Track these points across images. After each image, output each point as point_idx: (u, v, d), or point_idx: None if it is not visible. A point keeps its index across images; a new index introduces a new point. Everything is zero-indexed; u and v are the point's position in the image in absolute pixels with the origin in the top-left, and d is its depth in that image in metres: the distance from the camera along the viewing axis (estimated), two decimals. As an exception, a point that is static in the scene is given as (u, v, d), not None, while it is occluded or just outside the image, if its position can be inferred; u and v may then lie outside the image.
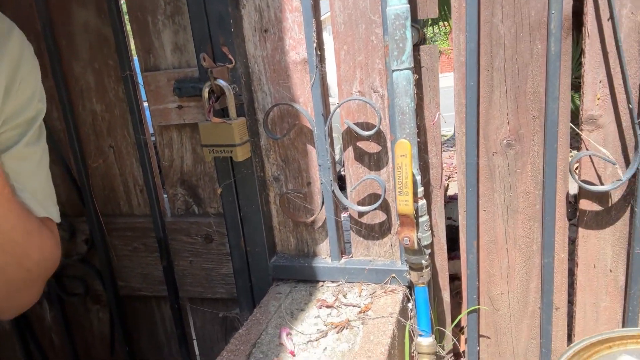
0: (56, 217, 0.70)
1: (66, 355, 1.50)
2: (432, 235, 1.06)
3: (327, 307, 1.07)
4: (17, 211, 0.59)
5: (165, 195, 1.28)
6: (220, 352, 0.94)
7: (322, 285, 1.16)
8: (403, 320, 1.02)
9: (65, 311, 1.43)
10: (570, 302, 1.08)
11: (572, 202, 1.63)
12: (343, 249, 1.19)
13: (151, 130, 1.22)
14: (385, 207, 1.10)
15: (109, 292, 1.34)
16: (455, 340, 1.14)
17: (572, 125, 0.97)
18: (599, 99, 0.95)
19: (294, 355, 0.91)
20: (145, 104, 1.17)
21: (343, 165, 1.13)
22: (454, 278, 1.38)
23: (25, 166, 0.66)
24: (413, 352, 1.05)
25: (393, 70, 0.91)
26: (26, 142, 0.66)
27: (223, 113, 1.06)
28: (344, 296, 1.10)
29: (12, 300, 0.66)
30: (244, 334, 0.99)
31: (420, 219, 0.95)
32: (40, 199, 0.68)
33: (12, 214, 0.58)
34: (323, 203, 1.12)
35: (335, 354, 0.91)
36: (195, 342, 1.39)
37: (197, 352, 1.40)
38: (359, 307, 1.05)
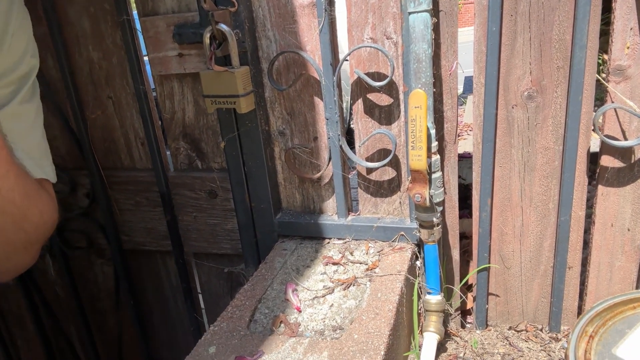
0: (52, 177, 0.68)
1: (71, 308, 1.50)
2: (444, 192, 1.02)
3: (334, 264, 1.04)
4: (15, 172, 0.57)
5: (167, 150, 1.24)
6: (226, 306, 0.93)
7: (329, 243, 1.13)
8: (411, 277, 1.00)
9: (69, 265, 1.42)
10: (584, 262, 1.05)
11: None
12: (350, 206, 1.15)
13: (151, 81, 1.17)
14: (395, 163, 1.06)
15: (113, 246, 1.33)
16: (463, 297, 1.12)
17: (598, 77, 0.91)
18: (628, 47, 0.88)
19: (300, 311, 0.90)
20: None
21: (351, 118, 1.07)
22: (462, 236, 1.36)
23: (20, 125, 0.63)
24: (421, 309, 1.03)
25: (410, 13, 0.84)
26: (20, 99, 0.63)
27: (225, 61, 1.00)
28: (351, 253, 1.07)
29: (10, 262, 0.64)
30: (249, 290, 0.98)
31: (433, 175, 0.91)
32: (36, 159, 0.65)
33: (10, 174, 0.56)
34: (330, 159, 1.08)
35: (342, 310, 0.89)
36: (200, 296, 1.39)
37: (202, 306, 1.40)
38: (366, 264, 1.02)
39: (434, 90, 0.93)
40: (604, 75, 0.91)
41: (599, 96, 0.99)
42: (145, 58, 1.11)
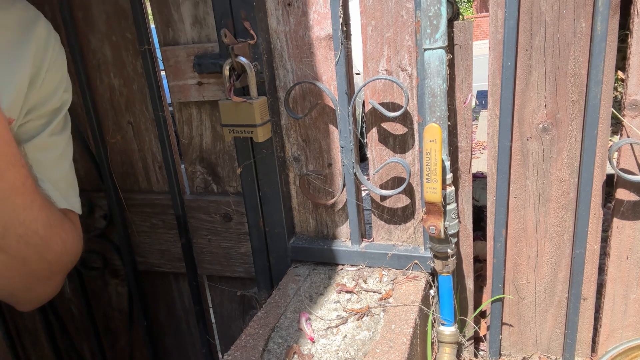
0: (77, 208, 0.69)
1: (85, 327, 1.52)
2: (459, 222, 1.03)
3: (347, 292, 1.05)
4: (39, 203, 0.59)
5: (184, 173, 1.26)
6: (238, 330, 0.94)
7: (342, 269, 1.14)
8: (425, 308, 1.00)
9: (84, 284, 1.44)
10: (598, 294, 1.04)
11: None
12: (364, 232, 1.16)
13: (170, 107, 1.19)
14: (409, 192, 1.07)
15: (128, 267, 1.34)
16: (476, 327, 1.11)
17: (614, 111, 0.91)
18: (644, 81, 0.88)
19: (314, 342, 0.90)
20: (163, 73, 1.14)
21: (365, 146, 1.09)
22: (476, 260, 1.35)
23: (48, 156, 0.65)
24: (434, 340, 1.03)
25: (425, 49, 0.85)
26: (50, 132, 0.65)
27: (244, 91, 1.02)
28: (364, 281, 1.08)
29: (33, 292, 0.65)
30: (262, 317, 0.98)
31: (448, 207, 0.92)
32: (62, 190, 0.67)
33: (34, 205, 0.57)
34: (344, 185, 1.09)
35: (355, 342, 0.89)
36: (212, 318, 1.39)
37: (214, 328, 1.41)
38: (380, 293, 1.03)
39: (449, 123, 0.94)
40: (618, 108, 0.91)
41: (614, 129, 0.99)
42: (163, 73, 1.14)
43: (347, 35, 0.97)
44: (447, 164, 0.92)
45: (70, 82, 0.72)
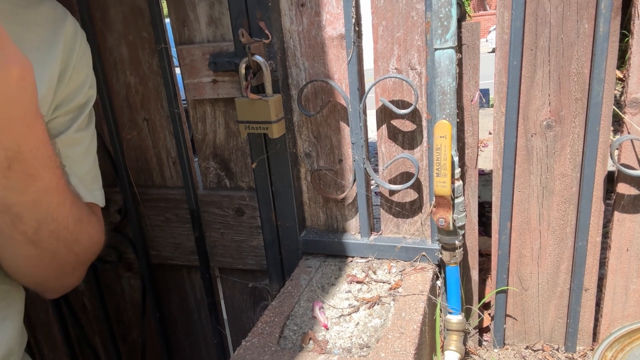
0: (101, 201, 0.72)
1: (97, 319, 1.56)
2: (466, 215, 1.07)
3: (358, 282, 1.09)
4: (70, 200, 0.61)
5: (197, 169, 1.29)
6: (249, 322, 0.97)
7: (352, 261, 1.18)
8: (433, 297, 1.04)
9: (98, 277, 1.48)
10: (599, 284, 1.08)
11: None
12: (373, 226, 1.20)
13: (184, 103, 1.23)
14: (417, 186, 1.11)
15: (141, 260, 1.38)
16: (482, 316, 1.15)
17: (615, 108, 0.95)
18: (644, 80, 0.92)
19: (327, 329, 0.94)
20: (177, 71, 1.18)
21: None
22: (480, 254, 1.39)
23: (75, 152, 0.67)
24: (441, 328, 1.07)
25: (436, 49, 0.89)
26: (77, 127, 0.67)
27: (258, 89, 1.06)
28: (374, 272, 1.12)
29: (61, 281, 0.68)
30: (277, 306, 1.02)
31: (456, 200, 0.96)
32: (87, 184, 0.69)
33: (66, 202, 0.60)
34: (354, 180, 1.13)
35: (367, 329, 0.93)
36: (224, 310, 1.43)
37: (225, 319, 1.44)
38: (389, 283, 1.07)
39: (457, 120, 0.98)
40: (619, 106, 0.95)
41: (615, 127, 1.03)
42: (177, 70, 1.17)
43: (359, 35, 1.00)
44: (456, 159, 0.95)
45: (95, 79, 0.74)
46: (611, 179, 1.00)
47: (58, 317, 1.53)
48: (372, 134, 1.12)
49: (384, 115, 1.08)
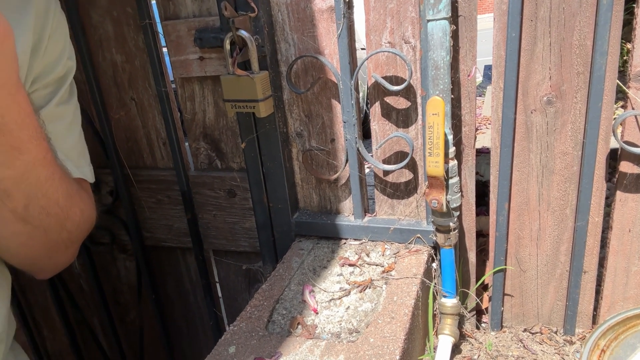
0: (90, 177, 0.70)
1: (94, 301, 1.56)
2: (461, 196, 1.03)
3: (350, 265, 1.06)
4: (59, 174, 0.59)
5: (187, 149, 1.26)
6: (244, 303, 0.96)
7: (345, 243, 1.15)
8: (427, 281, 1.01)
9: (93, 260, 1.47)
10: (600, 266, 1.05)
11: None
12: (367, 207, 1.16)
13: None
14: (412, 166, 1.07)
15: (135, 242, 1.37)
16: (478, 300, 1.13)
17: (619, 82, 0.90)
18: (651, 52, 0.87)
19: (317, 313, 0.92)
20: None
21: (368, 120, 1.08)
22: (479, 234, 1.36)
23: (58, 126, 0.65)
24: (436, 312, 1.05)
25: (428, 20, 0.84)
26: (57, 101, 0.64)
27: (245, 66, 1.02)
28: (367, 255, 1.09)
29: (52, 260, 0.67)
30: (267, 290, 1.00)
31: (450, 181, 0.92)
32: (74, 159, 0.67)
33: (55, 176, 0.58)
34: (347, 160, 1.09)
35: (358, 313, 0.91)
36: (219, 291, 1.42)
37: (221, 301, 1.43)
38: (382, 266, 1.04)
39: (452, 95, 0.93)
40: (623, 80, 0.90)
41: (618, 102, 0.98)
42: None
43: (349, 6, 0.95)
44: (450, 137, 0.91)
45: (73, 49, 0.70)
46: (614, 158, 0.96)
47: (55, 299, 1.53)
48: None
49: (377, 92, 1.03)
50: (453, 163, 0.92)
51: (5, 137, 0.49)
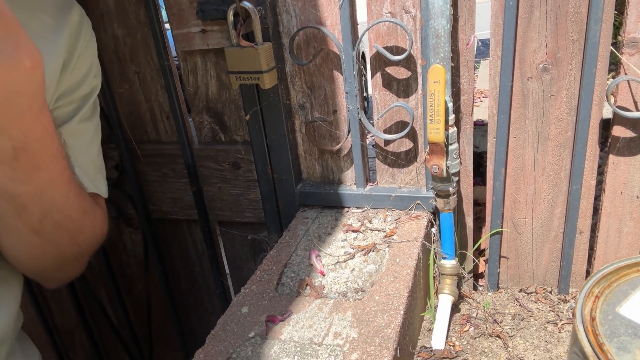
0: (104, 192, 0.71)
1: (102, 274, 1.59)
2: (460, 162, 1.06)
3: (354, 231, 1.10)
4: (75, 191, 0.61)
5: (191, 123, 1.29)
6: (249, 272, 0.99)
7: (348, 211, 1.19)
8: (427, 244, 1.06)
9: (101, 233, 1.50)
10: (592, 227, 1.10)
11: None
12: (368, 177, 1.20)
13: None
14: (412, 135, 1.10)
15: (141, 215, 1.40)
16: (476, 261, 1.18)
17: (612, 49, 0.93)
18: (644, 19, 0.89)
19: (324, 275, 0.96)
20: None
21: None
22: (475, 203, 1.40)
23: (78, 142, 0.66)
24: (436, 273, 1.09)
25: (429, -10, 0.86)
26: (80, 118, 0.66)
27: (248, 37, 1.03)
28: (370, 222, 1.13)
29: (62, 272, 0.69)
30: (275, 255, 1.04)
31: (450, 147, 0.95)
32: (91, 175, 0.68)
33: (71, 194, 0.60)
34: (349, 131, 1.12)
35: (362, 274, 0.95)
36: (225, 261, 1.46)
37: (227, 270, 1.48)
38: (384, 231, 1.08)
39: (452, 64, 0.96)
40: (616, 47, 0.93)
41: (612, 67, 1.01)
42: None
43: (350, -23, 0.97)
44: (450, 105, 0.94)
45: (100, 68, 0.72)
46: (606, 127, 0.99)
47: (63, 273, 1.56)
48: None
49: (378, 63, 1.06)
50: (453, 130, 0.95)
51: (26, 155, 0.51)
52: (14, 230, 0.58)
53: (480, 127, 2.20)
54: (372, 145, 1.36)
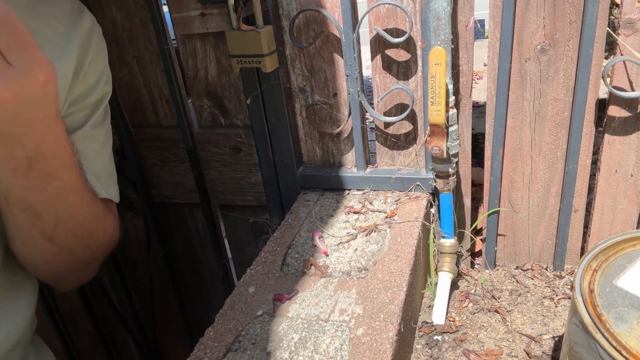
0: (116, 197, 0.72)
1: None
2: (459, 144, 1.08)
3: (355, 212, 1.12)
4: (88, 198, 0.62)
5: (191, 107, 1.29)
6: (251, 255, 1.02)
7: (348, 194, 1.21)
8: (427, 223, 1.08)
9: (102, 218, 1.51)
10: (587, 206, 1.13)
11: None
12: (368, 159, 1.22)
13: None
14: (412, 118, 1.11)
15: (143, 200, 1.41)
16: (475, 239, 1.21)
17: (609, 30, 0.94)
18: (639, 1, 0.91)
19: (327, 255, 0.98)
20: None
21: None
22: (472, 184, 1.43)
23: (90, 148, 0.67)
24: (435, 252, 1.12)
25: (429, -28, 0.87)
26: (92, 124, 0.67)
27: (248, 20, 1.04)
28: (370, 203, 1.15)
29: (74, 276, 0.70)
30: (278, 237, 1.06)
31: (450, 128, 0.97)
32: (102, 180, 0.69)
33: (84, 201, 0.61)
34: (349, 114, 1.13)
35: (365, 253, 0.97)
36: (227, 244, 1.48)
37: (229, 254, 1.50)
38: (385, 212, 1.10)
39: (452, 46, 0.97)
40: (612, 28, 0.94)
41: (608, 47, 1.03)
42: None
43: (350, -40, 0.97)
44: (451, 87, 0.96)
45: (110, 74, 0.73)
46: (601, 108, 1.01)
47: (66, 258, 1.58)
48: (368, 71, 1.10)
49: (378, 45, 1.06)
50: (453, 112, 0.97)
51: (40, 165, 0.52)
52: (29, 238, 0.59)
53: (475, 108, 2.22)
54: (371, 128, 1.37)
